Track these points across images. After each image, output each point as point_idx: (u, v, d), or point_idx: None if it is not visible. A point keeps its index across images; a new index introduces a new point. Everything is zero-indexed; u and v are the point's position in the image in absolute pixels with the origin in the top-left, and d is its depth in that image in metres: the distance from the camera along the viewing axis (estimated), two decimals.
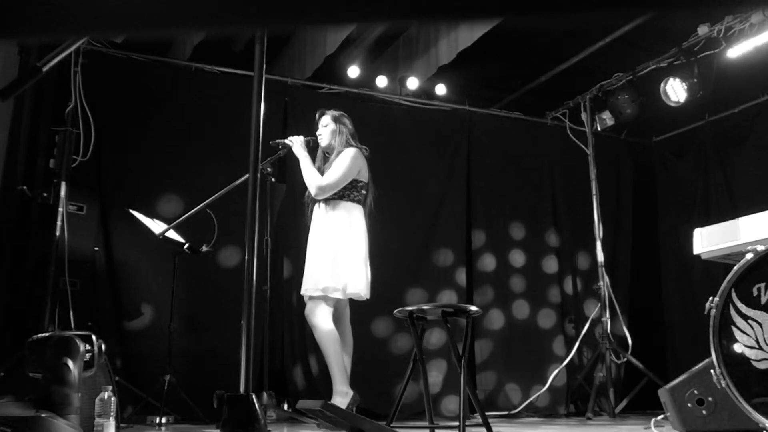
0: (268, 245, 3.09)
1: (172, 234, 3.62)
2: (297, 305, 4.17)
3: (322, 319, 3.19)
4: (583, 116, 5.33)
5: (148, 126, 4.30)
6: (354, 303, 3.44)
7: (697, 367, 2.73)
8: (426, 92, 5.33)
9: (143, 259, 4.10)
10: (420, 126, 5.20)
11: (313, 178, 3.32)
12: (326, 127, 3.50)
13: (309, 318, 3.27)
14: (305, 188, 3.44)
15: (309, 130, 3.61)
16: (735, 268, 2.41)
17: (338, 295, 3.22)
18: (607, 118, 5.13)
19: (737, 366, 2.29)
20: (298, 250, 3.92)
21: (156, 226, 3.63)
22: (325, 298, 3.23)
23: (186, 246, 3.72)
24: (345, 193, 3.35)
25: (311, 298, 3.27)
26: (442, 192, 5.14)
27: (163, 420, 3.45)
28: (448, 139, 5.29)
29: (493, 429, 2.58)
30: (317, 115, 3.57)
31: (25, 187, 3.65)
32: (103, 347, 1.91)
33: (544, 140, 5.57)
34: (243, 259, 1.43)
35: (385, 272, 4.17)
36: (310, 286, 3.25)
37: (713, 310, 2.37)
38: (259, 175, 1.55)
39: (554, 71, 5.17)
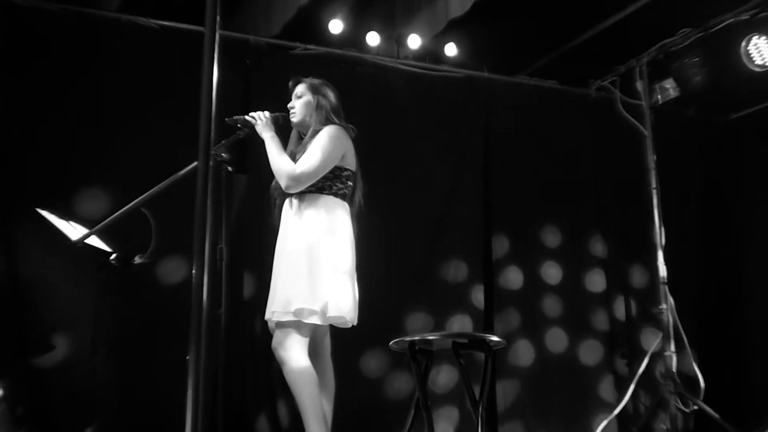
0: (223, 255, 3.07)
1: (95, 241, 3.58)
2: (262, 334, 4.17)
3: (294, 352, 3.20)
4: (639, 86, 5.37)
5: (63, 99, 4.32)
6: (336, 331, 3.44)
7: None
8: (432, 54, 5.36)
9: (56, 274, 4.09)
10: (423, 99, 5.22)
11: (283, 166, 3.31)
12: (300, 99, 3.49)
13: (277, 351, 3.26)
14: (272, 179, 3.43)
15: (278, 103, 3.58)
16: None
17: (316, 320, 3.19)
18: (671, 88, 5.17)
19: None
20: (263, 261, 3.84)
21: (73, 231, 3.59)
22: (298, 325, 3.20)
23: (113, 256, 3.69)
24: (325, 184, 3.34)
25: (279, 324, 3.23)
26: (453, 185, 5.18)
27: None
28: (461, 116, 5.31)
29: None
30: (290, 83, 3.58)
31: None
32: (1, 392, 1.90)
33: (587, 117, 5.61)
34: (190, 273, 1.47)
35: (378, 290, 4.19)
36: (278, 308, 3.23)
37: None
38: (211, 163, 1.58)
39: (600, 27, 5.19)
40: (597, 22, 5.18)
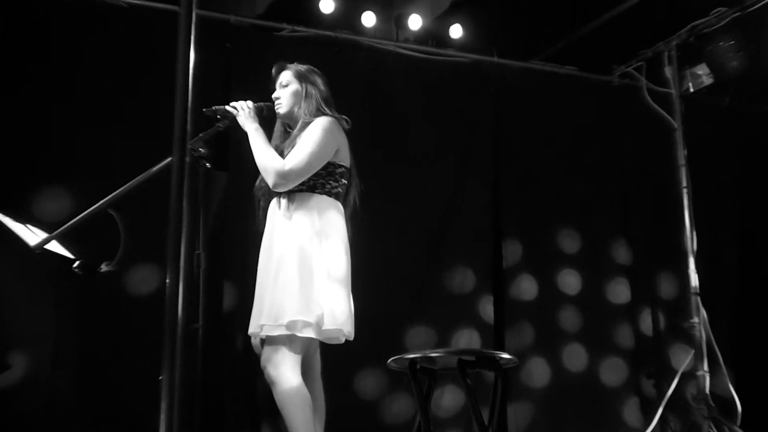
0: (200, 262, 3.09)
1: (56, 246, 3.56)
2: (244, 351, 4.17)
3: (286, 371, 3.17)
4: (667, 72, 5.39)
5: (20, 88, 4.30)
6: (327, 348, 3.42)
7: None
8: (435, 37, 5.37)
9: (12, 284, 4.07)
10: (425, 87, 5.23)
11: (270, 162, 3.28)
12: (286, 89, 3.48)
13: (267, 370, 3.20)
14: (256, 176, 3.44)
15: (263, 91, 3.56)
16: None
17: (310, 334, 3.13)
18: (704, 74, 5.19)
19: None
20: (246, 269, 3.92)
21: (32, 235, 3.57)
22: (290, 340, 3.14)
23: (77, 264, 3.68)
24: (317, 182, 3.32)
25: (269, 339, 3.22)
26: (459, 183, 5.19)
27: None
28: (467, 107, 5.32)
29: None
30: (274, 71, 3.57)
31: None
32: None
33: (610, 107, 5.61)
34: (163, 283, 1.46)
35: (375, 301, 4.18)
36: (267, 321, 3.18)
37: None
38: (187, 159, 1.57)
39: (624, 6, 5.17)
40: (621, 1, 5.17)
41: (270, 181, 3.29)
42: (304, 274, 3.20)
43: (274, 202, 3.38)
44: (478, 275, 5.10)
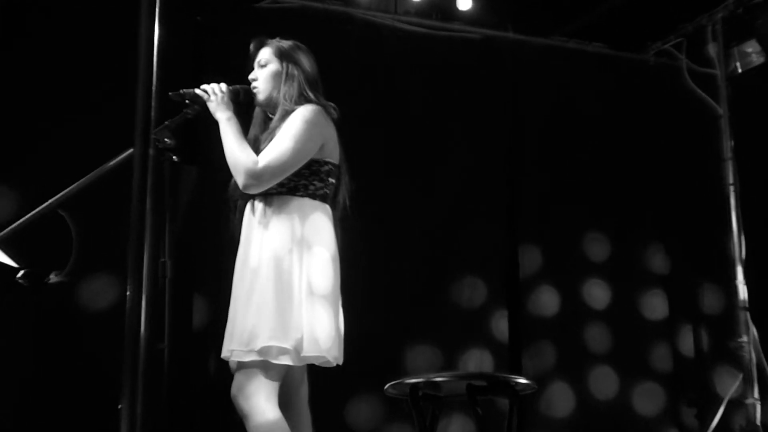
0: (166, 272, 2.94)
1: None
2: (217, 375, 4.17)
3: (259, 402, 3.12)
4: (711, 50, 5.40)
5: None
6: (317, 371, 3.38)
7: None
8: (440, 9, 5.37)
9: None
10: (429, 67, 5.24)
11: (239, 158, 3.26)
12: (265, 69, 3.43)
13: (237, 401, 3.19)
14: (231, 175, 3.38)
15: (239, 74, 3.50)
16: None
17: (288, 360, 3.13)
18: (753, 52, 5.21)
19: None
20: (219, 280, 3.81)
21: None
22: (264, 367, 3.13)
23: (21, 273, 3.67)
24: (299, 183, 3.29)
25: (241, 366, 3.19)
26: (468, 180, 5.21)
27: None
28: (478, 90, 5.32)
29: None
30: (252, 47, 3.53)
31: None
32: None
33: (644, 91, 5.62)
34: (123, 296, 1.46)
35: (371, 318, 4.21)
36: (237, 345, 3.15)
37: None
38: (151, 151, 1.59)
39: None
40: None
41: (240, 181, 3.26)
42: (282, 290, 3.20)
43: (249, 205, 3.37)
44: (490, 287, 5.15)
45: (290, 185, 3.28)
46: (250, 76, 3.45)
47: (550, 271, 5.28)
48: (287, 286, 3.20)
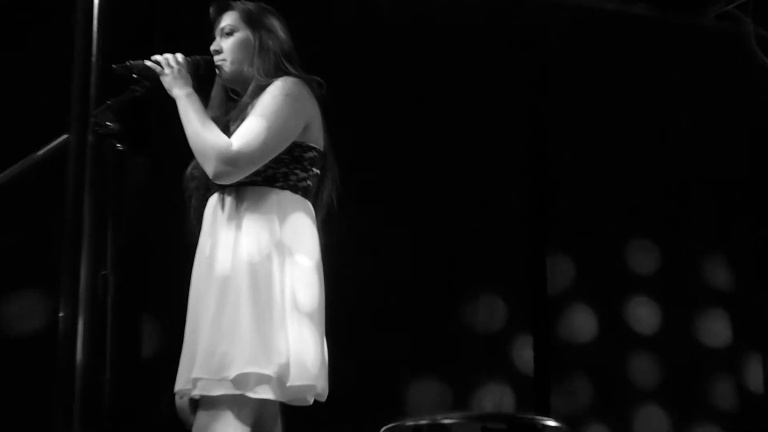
0: (108, 287, 3.08)
1: None
2: (171, 414, 4.00)
3: None
4: None
5: None
6: (295, 413, 3.36)
7: None
8: None
9: None
10: (436, 33, 5.25)
11: (208, 141, 3.25)
12: (232, 37, 3.45)
13: None
14: (189, 162, 3.38)
15: (199, 44, 3.48)
16: None
17: (267, 394, 3.12)
18: None
19: None
20: (174, 296, 3.69)
21: None
22: (236, 403, 3.13)
23: None
24: (277, 172, 3.30)
25: (206, 402, 3.17)
26: (485, 174, 5.20)
27: None
28: (497, 63, 5.33)
29: None
30: (213, 11, 3.53)
31: None
32: None
33: (701, 62, 5.62)
34: (54, 317, 1.42)
35: (363, 345, 4.26)
36: (204, 373, 3.14)
37: None
38: (90, 137, 1.54)
39: None
40: None
41: (210, 168, 3.23)
42: (260, 304, 3.17)
43: (214, 199, 3.36)
44: (512, 306, 5.18)
45: (267, 173, 3.28)
46: (213, 47, 3.46)
47: (585, 286, 5.30)
48: (267, 298, 3.19)
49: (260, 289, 3.18)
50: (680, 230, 5.48)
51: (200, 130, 3.26)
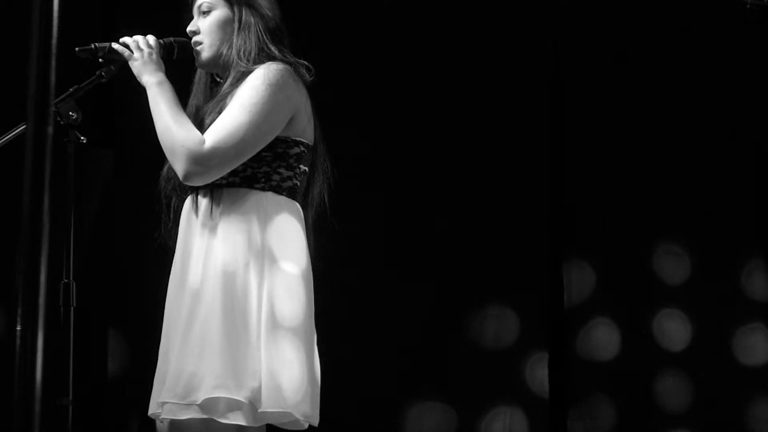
0: (71, 298, 3.09)
1: None
2: None
3: None
4: None
5: None
6: None
7: None
8: None
9: None
10: (440, 12, 5.22)
11: (177, 136, 3.27)
12: (210, 16, 3.46)
13: None
14: (163, 160, 3.38)
15: (174, 26, 3.50)
16: None
17: (240, 419, 3.17)
18: None
19: None
20: (146, 308, 3.80)
21: None
22: (208, 428, 3.20)
23: None
24: (258, 171, 3.32)
25: (175, 426, 3.26)
26: (495, 170, 5.19)
27: None
28: (509, 45, 5.30)
29: None
30: None
31: None
32: None
33: (737, 46, 5.48)
34: (10, 331, 1.25)
35: (359, 364, 4.26)
36: (170, 397, 3.18)
37: None
38: (50, 129, 1.58)
39: None
40: None
41: (180, 167, 3.26)
42: (234, 320, 3.21)
43: (189, 201, 3.40)
44: (525, 320, 5.14)
45: (246, 174, 3.31)
46: (189, 28, 3.47)
47: (607, 297, 5.21)
48: (241, 314, 3.22)
49: (235, 303, 3.21)
50: (714, 233, 5.38)
51: (170, 124, 3.28)
